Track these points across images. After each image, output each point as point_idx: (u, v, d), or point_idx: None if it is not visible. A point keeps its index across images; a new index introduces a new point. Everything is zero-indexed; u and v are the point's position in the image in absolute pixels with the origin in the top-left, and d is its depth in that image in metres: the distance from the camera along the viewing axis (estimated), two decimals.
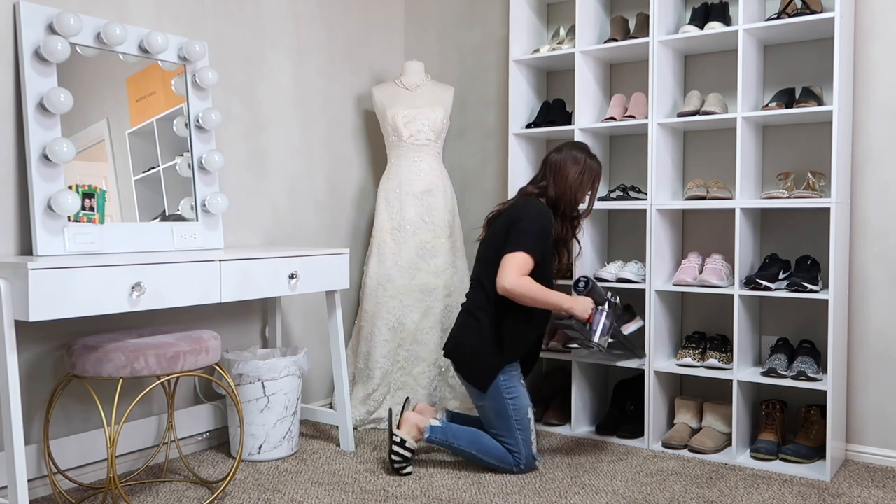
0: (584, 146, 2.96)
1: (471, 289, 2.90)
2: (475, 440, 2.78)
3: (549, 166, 2.91)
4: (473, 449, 2.77)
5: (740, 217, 2.88)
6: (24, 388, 2.47)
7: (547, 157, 2.96)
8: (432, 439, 2.79)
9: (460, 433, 2.80)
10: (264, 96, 3.30)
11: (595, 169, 2.92)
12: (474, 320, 2.80)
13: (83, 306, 2.14)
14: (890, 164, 2.88)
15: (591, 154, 2.94)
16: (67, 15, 2.47)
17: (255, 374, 2.85)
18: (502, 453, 2.75)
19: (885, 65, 2.88)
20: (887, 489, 2.64)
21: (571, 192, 2.87)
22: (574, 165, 2.88)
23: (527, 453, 2.76)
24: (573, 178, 2.87)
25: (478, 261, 2.91)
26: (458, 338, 2.85)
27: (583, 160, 2.89)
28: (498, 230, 2.82)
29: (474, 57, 3.82)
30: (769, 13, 3.06)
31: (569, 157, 2.90)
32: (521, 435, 2.76)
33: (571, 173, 2.87)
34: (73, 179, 2.54)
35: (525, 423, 2.77)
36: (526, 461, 2.75)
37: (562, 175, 2.87)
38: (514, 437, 2.75)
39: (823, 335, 2.90)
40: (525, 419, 2.77)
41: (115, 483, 2.24)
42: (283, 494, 2.56)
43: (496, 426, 2.78)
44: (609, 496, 2.54)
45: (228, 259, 2.53)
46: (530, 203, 2.84)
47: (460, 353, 2.83)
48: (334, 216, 3.64)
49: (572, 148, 2.93)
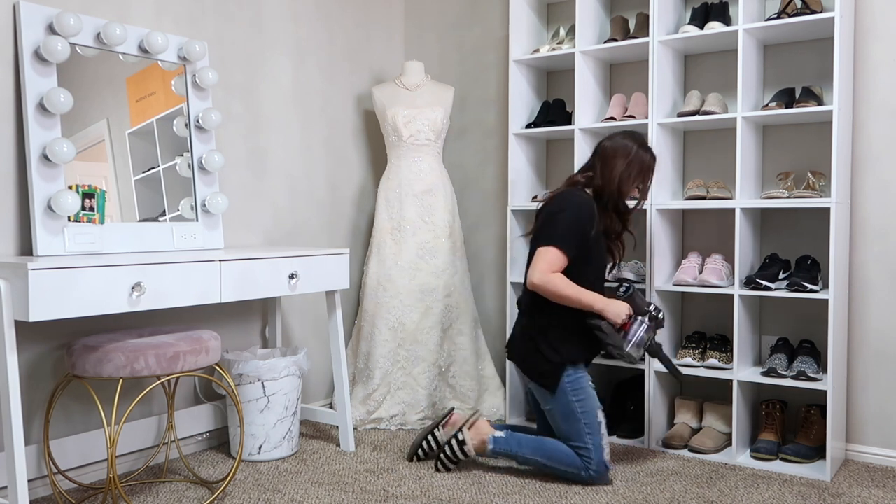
0: (639, 136, 2.80)
1: (524, 289, 2.79)
2: (540, 447, 2.68)
3: (599, 155, 2.76)
4: (539, 456, 2.66)
5: (740, 217, 2.88)
6: (24, 388, 2.47)
7: (598, 144, 2.81)
8: (497, 450, 2.71)
9: (525, 441, 2.71)
10: (264, 96, 3.30)
11: (646, 161, 2.75)
12: (526, 319, 2.73)
13: (83, 306, 2.14)
14: (890, 164, 2.88)
15: (645, 145, 2.78)
16: (67, 15, 2.47)
17: (255, 374, 2.85)
18: (571, 458, 2.62)
19: (885, 65, 2.88)
20: (887, 489, 2.64)
21: (616, 184, 2.71)
22: (623, 156, 2.72)
23: (598, 458, 2.60)
24: (620, 170, 2.71)
25: (529, 256, 2.78)
26: (515, 340, 2.77)
27: (633, 151, 2.72)
28: (540, 223, 2.73)
29: (474, 57, 3.82)
30: (769, 13, 3.06)
31: (619, 147, 2.74)
32: (592, 439, 2.61)
33: (619, 164, 2.71)
34: (73, 179, 2.54)
35: (595, 427, 2.62)
36: (597, 466, 2.60)
37: (609, 165, 2.72)
38: (583, 440, 2.61)
39: (823, 335, 2.90)
40: (595, 422, 2.62)
41: (115, 483, 2.24)
42: (283, 494, 2.56)
43: (564, 429, 2.65)
44: (609, 496, 2.54)
45: (228, 259, 2.53)
46: (570, 194, 2.71)
47: (521, 357, 2.74)
48: (334, 216, 3.64)
49: (625, 137, 2.77)
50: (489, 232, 3.78)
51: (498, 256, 3.74)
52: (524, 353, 2.73)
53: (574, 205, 2.66)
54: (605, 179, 2.73)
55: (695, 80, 3.27)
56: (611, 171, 2.72)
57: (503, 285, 3.70)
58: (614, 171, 2.71)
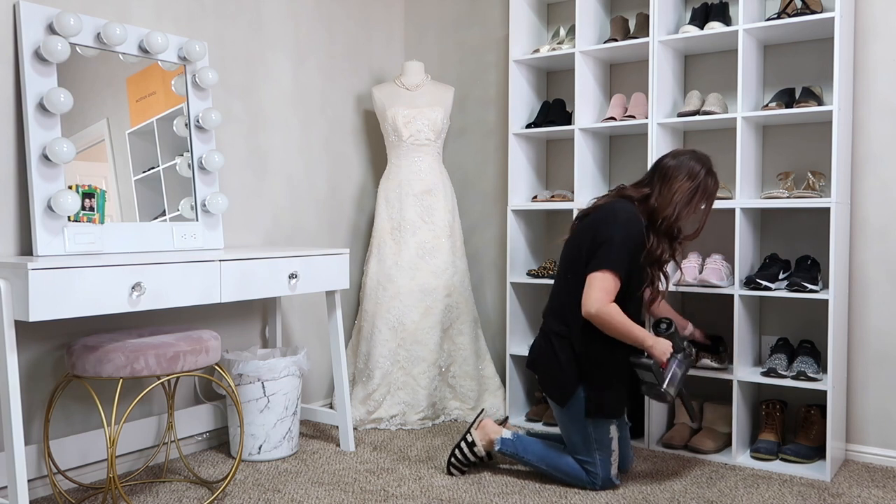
0: (707, 159, 2.60)
1: (552, 295, 2.67)
2: (545, 456, 2.64)
3: (659, 172, 2.57)
4: (544, 464, 2.64)
5: (740, 217, 2.88)
6: (24, 388, 2.47)
7: (660, 160, 2.62)
8: (503, 451, 2.69)
9: (531, 446, 2.68)
10: (264, 96, 3.30)
11: (711, 190, 2.57)
12: (554, 336, 2.59)
13: (83, 306, 2.14)
14: (890, 164, 2.88)
15: (712, 170, 2.59)
16: (67, 15, 2.47)
17: (255, 374, 2.85)
18: (575, 470, 2.59)
19: (885, 65, 2.88)
20: (887, 489, 2.64)
21: (675, 209, 2.52)
22: (688, 180, 2.53)
23: (604, 475, 2.56)
24: (682, 195, 2.52)
25: (561, 260, 2.67)
26: (537, 352, 2.67)
27: (700, 176, 2.54)
28: (583, 232, 2.57)
29: (474, 57, 3.82)
30: (769, 13, 3.06)
31: (684, 168, 2.54)
32: (600, 455, 2.56)
33: (682, 188, 2.52)
34: (73, 179, 2.54)
35: (605, 443, 2.56)
36: (603, 483, 2.56)
37: (670, 187, 2.53)
38: (592, 455, 2.57)
39: (823, 335, 2.90)
40: (605, 438, 2.56)
41: (115, 483, 2.24)
42: (283, 494, 2.56)
43: (574, 442, 2.60)
44: (609, 496, 2.54)
45: (228, 259, 2.53)
46: (620, 209, 2.53)
47: (541, 367, 2.64)
48: (334, 216, 3.64)
49: (692, 158, 2.57)
50: (489, 232, 3.79)
51: (498, 256, 3.74)
52: (543, 366, 2.64)
53: (624, 222, 2.50)
54: (663, 201, 2.54)
55: (695, 80, 3.27)
56: (672, 194, 2.53)
57: (503, 285, 3.69)
58: (676, 194, 2.53)
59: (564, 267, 2.64)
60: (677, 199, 2.53)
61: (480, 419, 2.82)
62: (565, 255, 2.65)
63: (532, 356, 2.71)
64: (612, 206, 2.56)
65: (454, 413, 3.46)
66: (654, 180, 2.58)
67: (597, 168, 3.37)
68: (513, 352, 3.40)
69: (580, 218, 2.66)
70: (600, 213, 2.57)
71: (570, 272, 2.59)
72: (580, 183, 3.24)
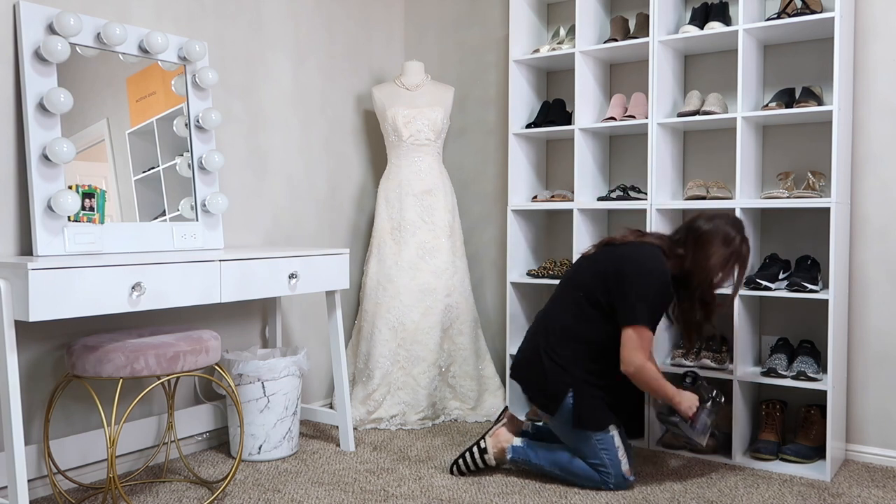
0: (740, 223, 2.60)
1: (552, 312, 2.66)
2: (557, 460, 2.62)
3: (692, 236, 2.55)
4: (557, 469, 2.62)
5: (740, 217, 2.88)
6: (24, 388, 2.48)
7: (693, 222, 2.59)
8: (515, 459, 2.69)
9: (541, 452, 2.66)
10: (264, 96, 3.30)
11: (744, 254, 2.56)
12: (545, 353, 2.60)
13: (83, 306, 2.14)
14: (890, 164, 2.88)
15: (745, 235, 2.59)
16: (67, 15, 2.47)
17: (255, 374, 2.85)
18: (589, 472, 2.58)
19: (885, 65, 2.88)
20: (887, 489, 2.64)
21: (709, 276, 2.52)
22: (723, 246, 2.52)
23: (616, 472, 2.55)
24: (717, 262, 2.51)
25: (573, 273, 2.65)
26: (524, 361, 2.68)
27: (736, 242, 2.53)
28: (607, 262, 2.56)
29: (474, 57, 3.83)
30: (769, 13, 3.06)
31: (719, 234, 2.52)
32: (607, 455, 2.55)
33: (716, 255, 2.51)
34: (73, 179, 2.54)
35: (609, 442, 2.55)
36: (616, 481, 2.55)
37: (705, 252, 2.51)
38: (599, 457, 2.55)
39: (823, 335, 2.90)
40: (607, 438, 2.56)
41: (115, 483, 2.24)
42: (283, 494, 2.56)
43: (578, 447, 2.59)
44: (609, 496, 2.54)
45: (228, 259, 2.53)
46: (651, 259, 2.51)
47: (528, 375, 2.66)
48: (334, 216, 3.64)
49: (727, 223, 2.55)
50: (489, 232, 3.79)
51: (498, 256, 3.75)
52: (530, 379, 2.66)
53: (657, 277, 2.50)
54: (697, 266, 2.53)
55: (695, 80, 3.27)
56: (707, 260, 2.52)
57: (503, 285, 3.70)
58: (711, 260, 2.52)
59: (576, 283, 2.64)
60: (713, 263, 2.52)
61: (499, 426, 2.79)
62: (580, 274, 2.64)
63: (519, 363, 2.72)
64: (642, 254, 2.54)
65: (454, 413, 3.46)
66: (687, 242, 2.57)
67: (597, 168, 3.38)
68: (513, 352, 3.40)
69: (605, 244, 2.65)
70: (630, 253, 2.55)
71: (583, 291, 2.60)
72: (580, 183, 3.24)
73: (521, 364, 2.71)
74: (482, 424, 3.41)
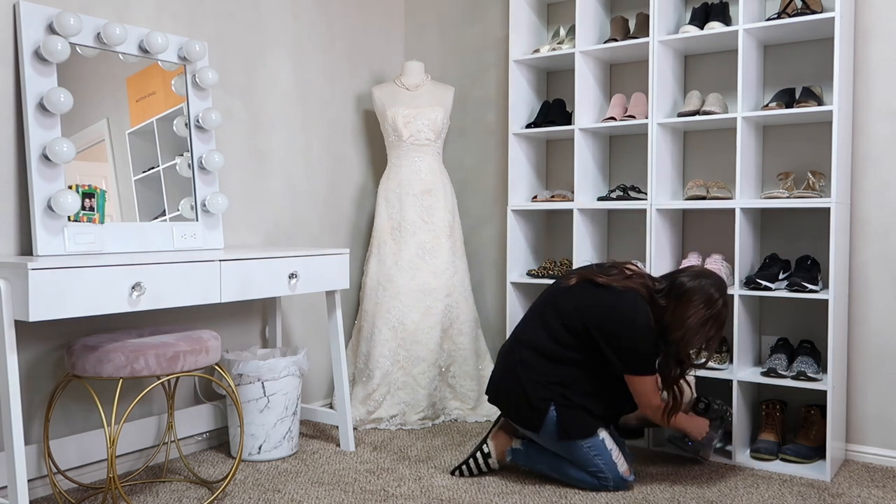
0: (724, 286, 2.56)
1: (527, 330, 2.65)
2: (556, 464, 2.63)
3: (676, 291, 2.52)
4: (556, 473, 2.63)
5: (740, 217, 2.88)
6: (24, 388, 2.47)
7: (677, 276, 2.56)
8: (516, 461, 2.70)
9: (541, 455, 2.65)
10: (264, 96, 3.30)
11: (723, 317, 2.53)
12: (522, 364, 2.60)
13: (83, 306, 2.14)
14: (890, 164, 2.88)
15: (727, 298, 2.55)
16: (67, 15, 2.47)
17: (255, 374, 2.85)
18: (585, 478, 2.58)
19: (885, 65, 2.88)
20: (887, 489, 2.64)
21: (686, 334, 2.48)
22: (704, 307, 2.48)
23: (614, 475, 2.55)
24: (695, 322, 2.47)
25: (553, 298, 2.62)
26: (500, 381, 2.67)
27: (717, 305, 2.49)
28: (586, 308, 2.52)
29: (474, 57, 3.82)
30: (769, 13, 3.06)
31: (701, 294, 2.48)
32: (601, 459, 2.55)
33: (695, 315, 2.47)
34: (73, 179, 2.54)
35: (600, 447, 2.55)
36: (616, 483, 2.56)
37: (683, 311, 2.48)
38: (594, 463, 2.55)
39: (823, 335, 2.90)
40: (597, 442, 2.55)
41: (115, 483, 2.24)
42: (283, 494, 2.56)
43: (571, 458, 2.58)
44: (609, 496, 2.54)
45: (228, 259, 2.53)
46: (638, 313, 2.48)
47: (505, 392, 2.64)
48: (334, 216, 3.64)
49: (711, 285, 2.51)
50: (489, 232, 3.79)
51: (498, 256, 3.75)
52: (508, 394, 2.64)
53: (643, 328, 2.47)
54: (675, 322, 2.49)
55: (695, 80, 3.27)
56: (685, 317, 2.48)
57: (503, 285, 3.70)
58: (689, 320, 2.47)
59: (557, 311, 2.59)
60: (690, 323, 2.48)
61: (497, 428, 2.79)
62: (560, 302, 2.60)
63: (496, 386, 2.70)
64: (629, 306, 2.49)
65: (454, 413, 3.46)
66: (670, 295, 2.53)
67: (597, 168, 3.38)
68: None
69: (590, 280, 2.58)
70: (617, 304, 2.50)
71: (563, 320, 2.56)
72: (580, 183, 3.24)
73: (498, 386, 2.69)
74: (482, 424, 3.41)
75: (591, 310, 2.53)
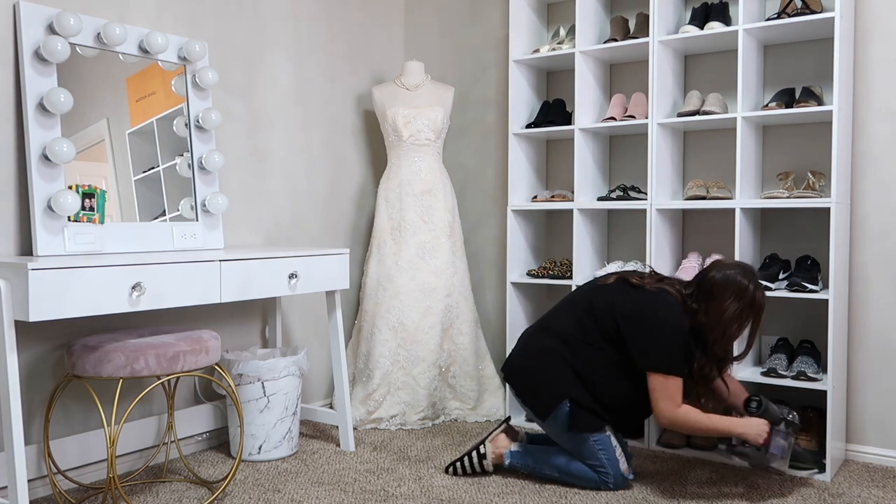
0: (753, 272, 2.49)
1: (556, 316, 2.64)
2: (555, 463, 2.62)
3: (704, 288, 2.47)
4: (556, 472, 2.62)
5: (740, 217, 2.88)
6: (24, 388, 2.48)
7: (705, 273, 2.51)
8: (513, 464, 2.69)
9: (539, 456, 2.66)
10: (264, 96, 3.30)
11: (760, 306, 2.45)
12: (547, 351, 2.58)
13: (83, 306, 2.14)
14: (890, 164, 2.88)
15: (759, 283, 2.48)
16: (67, 15, 2.47)
17: (255, 374, 2.85)
18: (587, 473, 2.57)
19: (885, 65, 2.88)
20: (887, 489, 2.64)
21: (724, 330, 2.44)
22: (736, 299, 2.42)
23: (615, 472, 2.54)
24: (730, 315, 2.42)
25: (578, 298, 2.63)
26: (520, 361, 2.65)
27: (749, 294, 2.42)
28: (614, 302, 2.52)
29: (474, 57, 3.82)
30: (769, 13, 3.06)
31: (732, 286, 2.43)
32: (605, 455, 2.54)
33: (730, 309, 2.42)
34: (73, 179, 2.54)
35: (606, 442, 2.55)
36: (615, 480, 2.55)
37: (717, 306, 2.43)
38: (597, 458, 2.55)
39: (823, 335, 2.90)
40: (604, 438, 2.55)
41: (115, 483, 2.24)
42: (283, 494, 2.56)
43: (575, 450, 2.58)
44: (609, 496, 2.54)
45: (228, 259, 2.53)
46: (665, 308, 2.45)
47: (522, 373, 2.62)
48: (334, 216, 3.64)
49: (740, 274, 2.45)
50: (489, 232, 3.79)
51: (498, 256, 3.75)
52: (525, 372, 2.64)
53: (672, 329, 2.43)
54: (711, 319, 2.45)
55: (695, 80, 3.27)
56: (720, 314, 2.43)
57: (503, 285, 3.70)
58: (724, 314, 2.43)
59: (587, 305, 2.59)
60: (726, 318, 2.44)
61: (497, 432, 2.78)
62: (595, 299, 2.59)
63: (512, 365, 2.69)
64: (658, 303, 2.47)
65: (454, 413, 3.46)
66: (700, 295, 2.49)
67: (597, 168, 3.38)
68: None
69: (623, 279, 2.58)
70: (647, 301, 2.49)
71: (594, 316, 2.56)
72: (580, 183, 3.24)
73: (515, 365, 2.69)
74: (482, 424, 3.41)
75: (622, 305, 2.53)
